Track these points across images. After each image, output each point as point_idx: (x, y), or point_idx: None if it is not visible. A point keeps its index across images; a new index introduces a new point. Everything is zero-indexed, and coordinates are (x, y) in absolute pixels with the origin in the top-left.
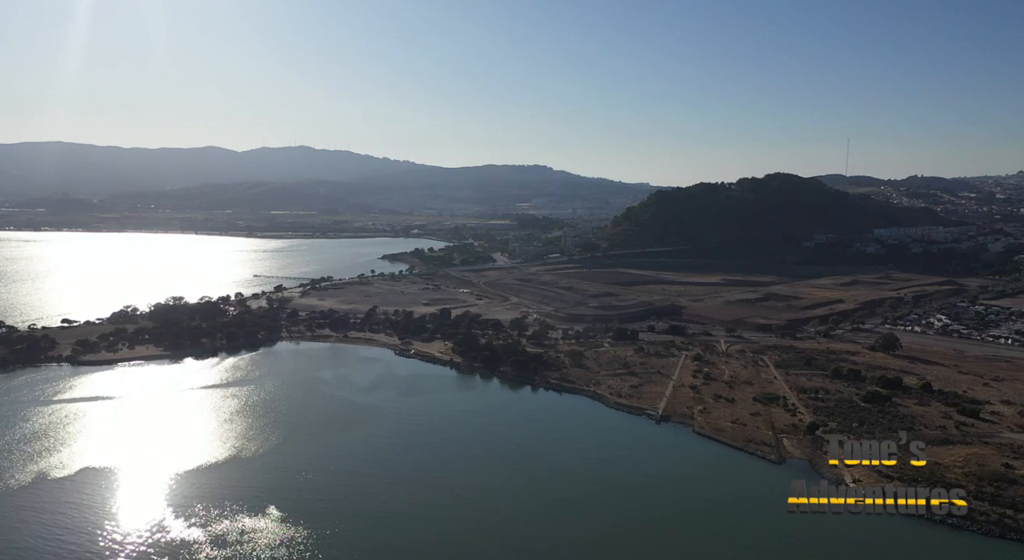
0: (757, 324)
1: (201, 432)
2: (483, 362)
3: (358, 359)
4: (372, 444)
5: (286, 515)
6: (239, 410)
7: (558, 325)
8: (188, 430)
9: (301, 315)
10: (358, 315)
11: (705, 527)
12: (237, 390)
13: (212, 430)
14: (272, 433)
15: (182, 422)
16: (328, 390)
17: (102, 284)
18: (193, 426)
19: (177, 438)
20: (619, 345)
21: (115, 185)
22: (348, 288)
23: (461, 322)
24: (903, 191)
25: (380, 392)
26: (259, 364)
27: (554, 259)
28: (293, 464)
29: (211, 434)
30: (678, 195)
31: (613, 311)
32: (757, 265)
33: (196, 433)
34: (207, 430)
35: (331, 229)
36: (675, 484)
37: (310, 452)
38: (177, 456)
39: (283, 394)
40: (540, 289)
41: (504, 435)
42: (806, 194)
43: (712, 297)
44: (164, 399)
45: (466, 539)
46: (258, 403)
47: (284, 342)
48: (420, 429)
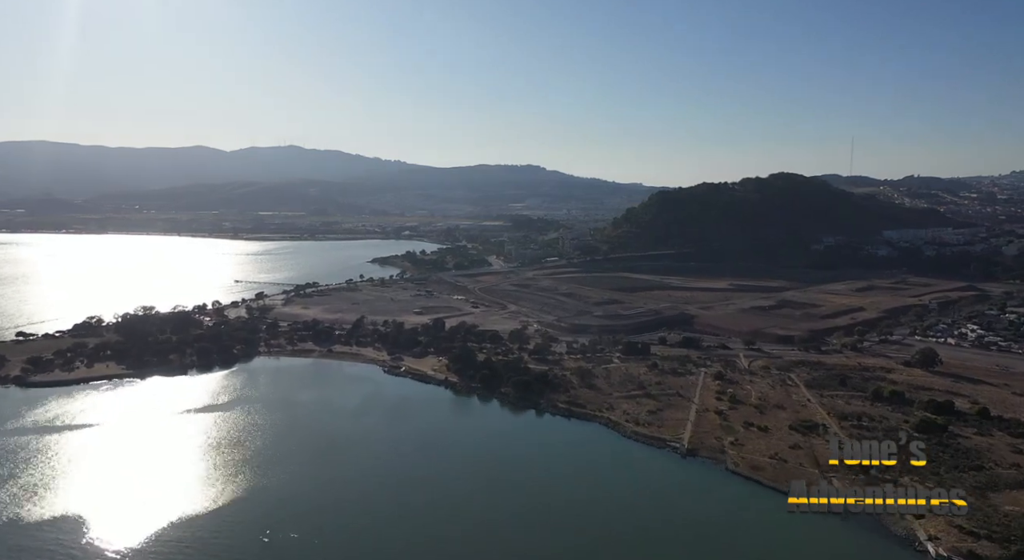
0: (777, 335)
1: (149, 475)
2: (481, 382)
3: (343, 378)
4: (355, 486)
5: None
6: (203, 445)
7: (561, 337)
8: (133, 473)
9: (282, 326)
10: (344, 326)
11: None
12: (203, 418)
13: (163, 472)
14: (235, 478)
15: (128, 463)
16: (307, 418)
17: (70, 291)
18: (141, 467)
19: (115, 486)
20: (630, 360)
21: (100, 185)
22: (335, 295)
23: (456, 334)
24: (904, 191)
25: (366, 418)
26: (232, 385)
27: (552, 263)
28: (257, 517)
29: (160, 477)
30: (680, 195)
31: (619, 321)
32: (765, 269)
33: (143, 477)
34: (156, 472)
35: (320, 230)
36: (713, 537)
37: (280, 499)
38: (109, 511)
39: (255, 424)
40: (539, 296)
41: (508, 470)
42: (811, 194)
43: (722, 304)
44: (114, 431)
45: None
46: (225, 436)
47: (262, 358)
48: (412, 462)
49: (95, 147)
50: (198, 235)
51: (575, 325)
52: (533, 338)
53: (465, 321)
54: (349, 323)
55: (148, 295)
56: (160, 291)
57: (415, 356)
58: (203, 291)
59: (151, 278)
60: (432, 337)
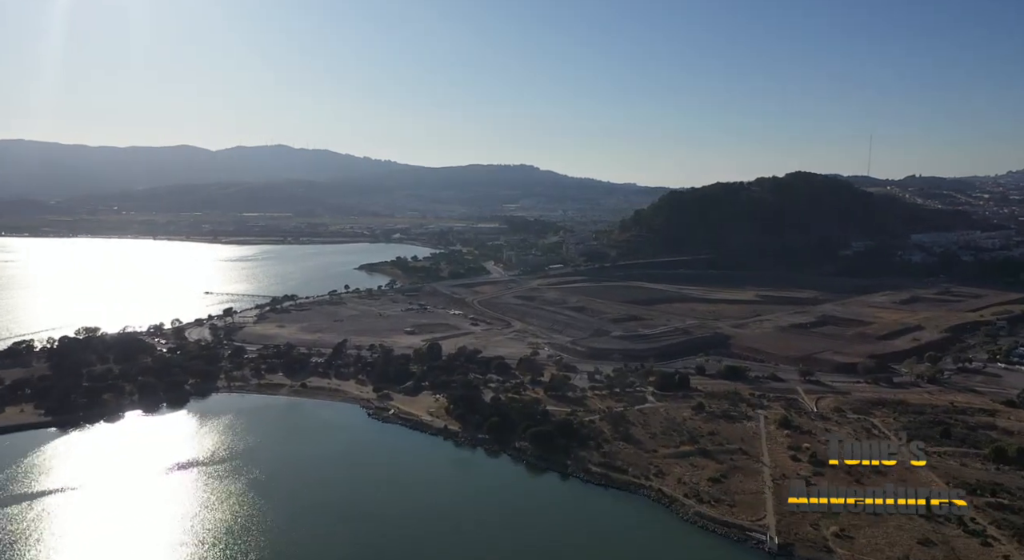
0: (835, 363)
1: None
2: (490, 431)
3: (317, 425)
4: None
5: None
6: (119, 538)
7: (579, 363)
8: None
9: (250, 352)
10: (323, 350)
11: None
12: (125, 495)
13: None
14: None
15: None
16: (264, 493)
17: (6, 306)
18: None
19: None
20: (668, 398)
21: (79, 186)
22: (315, 309)
23: (456, 363)
24: (914, 191)
25: (341, 489)
26: (175, 438)
27: (556, 270)
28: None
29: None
30: (692, 196)
31: (643, 343)
32: (791, 277)
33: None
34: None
35: (305, 233)
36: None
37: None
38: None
39: (193, 504)
40: (548, 311)
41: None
42: (831, 195)
43: (755, 321)
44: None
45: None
46: (148, 526)
47: (222, 395)
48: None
49: (76, 146)
50: (175, 238)
51: (593, 349)
52: (547, 366)
53: (466, 345)
54: (329, 346)
55: (99, 311)
56: (116, 305)
57: (407, 393)
58: (166, 305)
59: (109, 289)
60: (427, 366)
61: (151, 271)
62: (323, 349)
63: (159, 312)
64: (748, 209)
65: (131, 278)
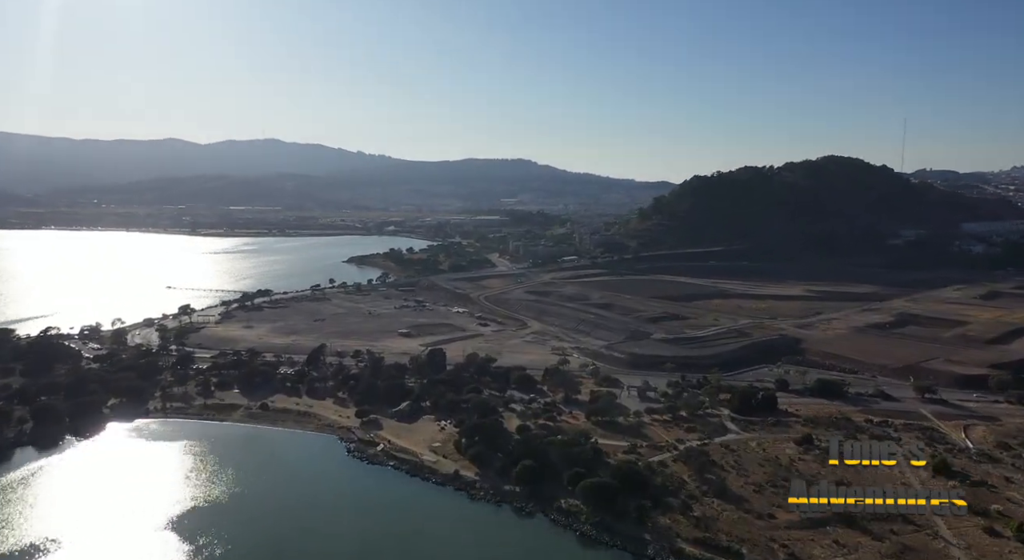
0: (955, 375)
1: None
2: (521, 481)
3: (274, 467)
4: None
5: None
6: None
7: (622, 376)
8: None
9: (201, 360)
10: (296, 358)
11: None
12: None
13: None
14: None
15: None
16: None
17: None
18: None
19: None
20: (755, 426)
21: (63, 179)
22: (293, 307)
23: (464, 375)
24: (937, 183)
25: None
26: (59, 492)
27: (570, 263)
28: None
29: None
30: (720, 181)
31: (699, 348)
32: (836, 269)
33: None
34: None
35: (293, 226)
36: None
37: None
38: None
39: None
40: (569, 308)
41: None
42: (870, 180)
43: (821, 320)
44: None
45: None
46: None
47: (152, 420)
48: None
49: (60, 139)
50: (153, 231)
51: (635, 355)
52: (581, 379)
53: (476, 352)
54: (303, 352)
55: (28, 309)
56: (55, 301)
57: (401, 418)
58: (116, 302)
59: (53, 284)
60: (427, 380)
61: (112, 263)
62: (296, 356)
63: (105, 310)
64: (780, 195)
65: (85, 271)
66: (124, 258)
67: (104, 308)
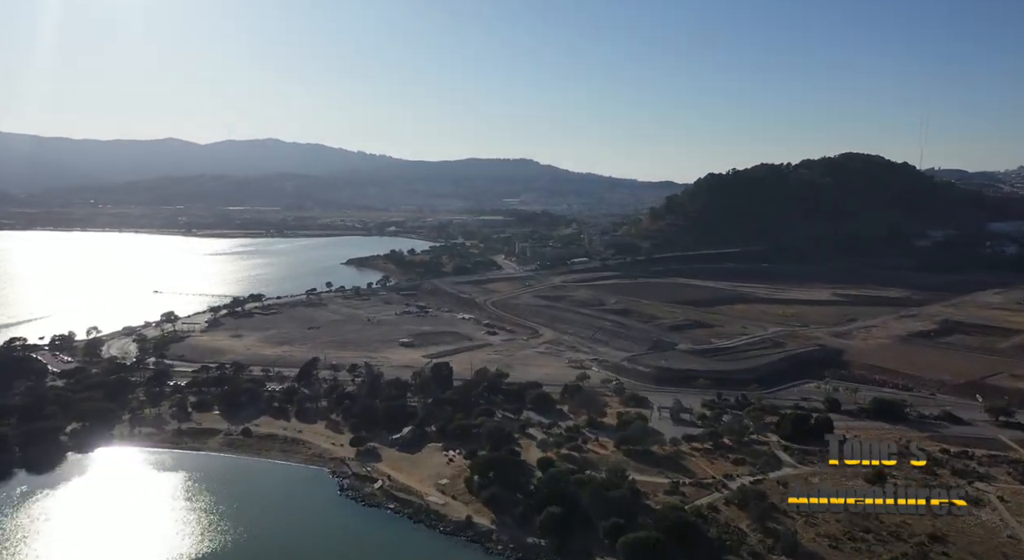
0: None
1: None
2: (546, 531)
3: (253, 511)
4: None
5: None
6: None
7: (649, 392)
8: None
9: (180, 376)
10: (286, 372)
11: None
12: None
13: None
14: None
15: None
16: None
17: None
18: None
19: None
20: (813, 458)
21: (60, 179)
22: (286, 313)
23: (474, 393)
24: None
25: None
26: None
27: (581, 264)
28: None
29: None
30: (735, 179)
31: (732, 361)
32: (864, 272)
33: None
34: None
35: (291, 226)
36: None
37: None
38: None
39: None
40: (583, 315)
41: None
42: (890, 178)
43: (858, 329)
44: None
45: None
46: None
47: (117, 448)
48: None
49: (58, 139)
50: (148, 231)
51: (662, 369)
52: (606, 397)
53: (486, 367)
54: (295, 365)
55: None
56: (35, 307)
57: (403, 446)
58: (99, 308)
59: (39, 287)
60: (432, 400)
61: (99, 266)
62: (287, 370)
63: (83, 317)
64: (798, 193)
65: (69, 274)
66: (112, 260)
67: (83, 315)
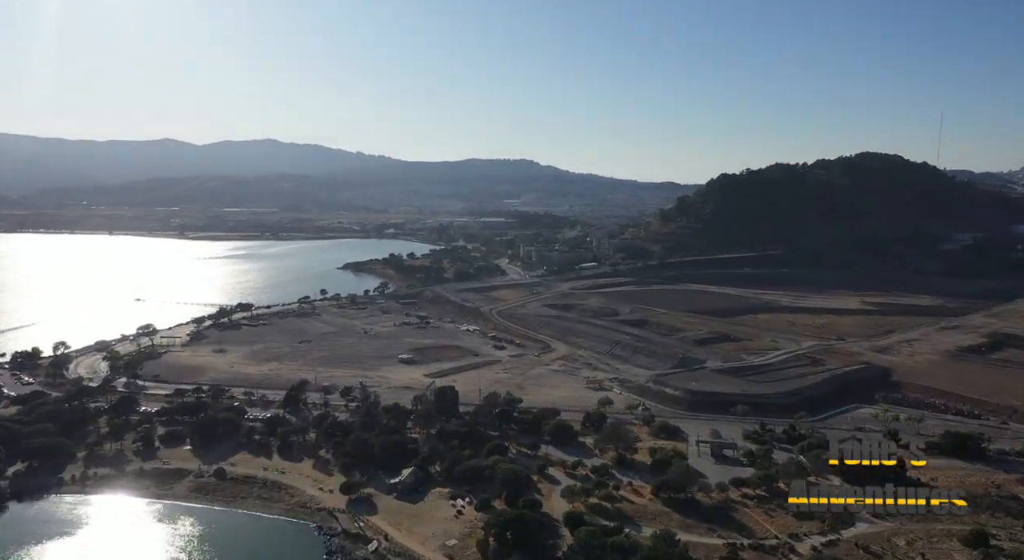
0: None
1: None
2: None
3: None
4: None
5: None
6: None
7: (680, 420)
8: None
9: (152, 398)
10: (271, 396)
11: None
12: None
13: None
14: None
15: None
16: None
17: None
18: None
19: None
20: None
21: (54, 180)
22: (276, 324)
23: (482, 422)
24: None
25: None
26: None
27: (590, 270)
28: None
29: None
30: (749, 180)
31: (764, 381)
32: (890, 277)
33: None
34: None
35: (287, 228)
36: None
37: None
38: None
39: None
40: (598, 327)
41: None
42: (907, 178)
43: (901, 344)
44: None
45: None
46: None
47: (67, 497)
48: None
49: (53, 140)
50: (140, 233)
51: (693, 392)
52: (634, 427)
53: (496, 391)
54: (282, 390)
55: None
56: (3, 318)
57: (402, 493)
58: (76, 317)
59: (12, 295)
60: (437, 431)
61: (82, 270)
62: (272, 392)
63: (54, 329)
64: (814, 193)
65: (48, 280)
66: (97, 264)
67: (55, 326)
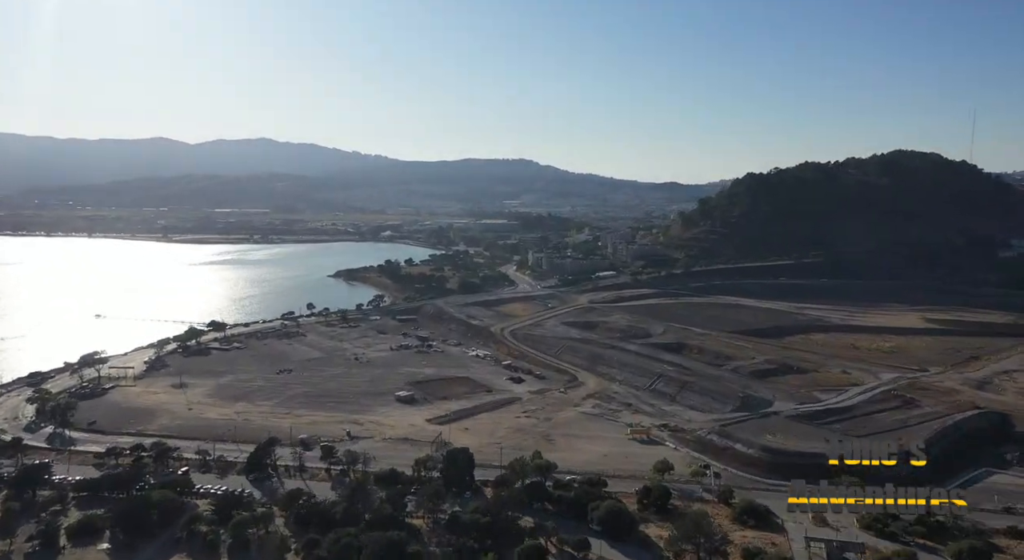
0: None
1: None
2: None
3: None
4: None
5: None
6: None
7: (758, 489)
8: None
9: (78, 456)
10: (231, 456)
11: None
12: None
13: None
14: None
15: None
16: None
17: None
18: None
19: None
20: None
21: (41, 179)
22: (252, 348)
23: (507, 504)
24: None
25: None
26: None
27: (608, 280)
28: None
29: None
30: (780, 180)
31: (858, 435)
32: (947, 288)
33: None
34: None
35: (278, 231)
36: None
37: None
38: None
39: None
40: (631, 354)
41: None
42: (945, 177)
43: (1000, 376)
44: None
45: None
46: None
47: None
48: None
49: (42, 138)
50: (122, 236)
51: (770, 451)
52: (704, 502)
53: (519, 444)
54: (248, 442)
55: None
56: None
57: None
58: (19, 339)
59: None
60: (448, 523)
61: (42, 280)
62: (233, 450)
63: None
64: (850, 195)
65: (16, 290)
66: (64, 271)
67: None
